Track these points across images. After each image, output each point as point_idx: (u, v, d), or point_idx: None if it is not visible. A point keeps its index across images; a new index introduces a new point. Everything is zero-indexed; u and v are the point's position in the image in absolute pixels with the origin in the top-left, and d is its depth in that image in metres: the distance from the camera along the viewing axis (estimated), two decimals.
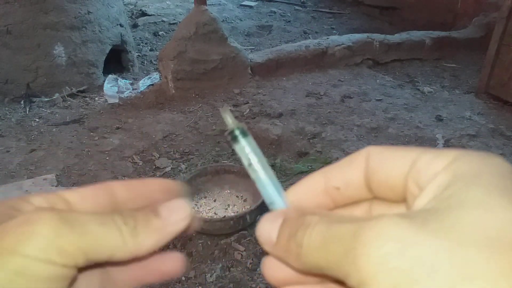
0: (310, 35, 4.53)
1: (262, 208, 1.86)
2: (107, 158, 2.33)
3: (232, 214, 1.83)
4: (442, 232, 0.17)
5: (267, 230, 0.24)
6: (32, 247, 0.20)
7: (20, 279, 0.20)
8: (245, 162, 0.26)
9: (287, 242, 0.22)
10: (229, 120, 0.26)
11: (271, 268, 0.24)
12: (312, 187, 0.25)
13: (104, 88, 3.12)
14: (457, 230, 0.17)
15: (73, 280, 0.22)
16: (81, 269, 0.22)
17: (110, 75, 3.30)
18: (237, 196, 1.96)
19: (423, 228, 0.18)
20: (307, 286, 0.24)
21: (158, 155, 2.34)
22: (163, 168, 2.23)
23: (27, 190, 1.98)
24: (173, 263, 0.27)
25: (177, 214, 0.25)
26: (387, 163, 0.22)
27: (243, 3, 5.62)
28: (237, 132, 0.26)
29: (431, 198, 0.19)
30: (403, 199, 0.22)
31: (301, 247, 0.21)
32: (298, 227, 0.22)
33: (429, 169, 0.20)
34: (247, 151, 0.26)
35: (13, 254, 0.20)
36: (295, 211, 0.24)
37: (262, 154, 0.27)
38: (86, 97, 3.13)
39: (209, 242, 1.73)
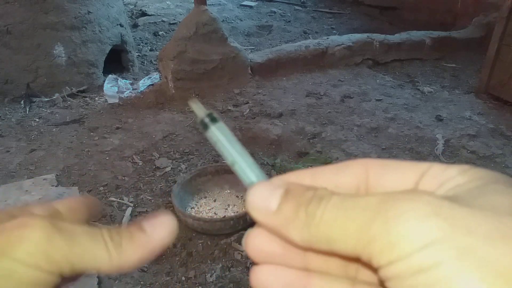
0: (310, 35, 4.53)
1: None
2: (107, 158, 2.33)
3: (232, 214, 1.83)
4: (472, 204, 0.18)
5: (264, 197, 0.22)
6: (21, 251, 0.21)
7: (5, 282, 0.20)
8: (219, 148, 0.26)
9: (294, 212, 0.21)
10: (198, 110, 0.26)
11: (257, 241, 0.24)
12: (298, 181, 0.24)
13: (104, 88, 3.12)
14: (485, 203, 0.18)
15: None
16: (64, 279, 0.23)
17: (110, 75, 3.30)
18: (237, 196, 1.96)
19: (453, 200, 0.18)
20: (288, 262, 0.24)
21: (158, 155, 2.34)
22: (163, 168, 2.23)
23: (27, 190, 1.98)
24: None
25: (161, 230, 0.25)
26: (393, 173, 0.23)
27: (243, 3, 5.62)
28: (206, 120, 0.26)
29: (450, 189, 0.20)
30: None
31: (313, 218, 0.20)
32: (309, 198, 0.21)
33: (443, 175, 0.21)
34: (218, 135, 0.26)
35: (2, 256, 0.21)
36: (298, 184, 0.23)
37: (235, 138, 0.26)
38: (86, 97, 3.13)
39: (209, 242, 1.73)
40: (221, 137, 0.25)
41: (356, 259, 0.20)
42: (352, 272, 0.24)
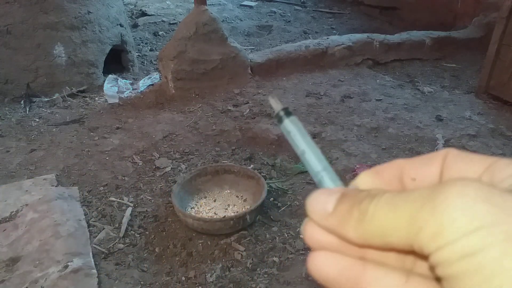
0: (310, 35, 4.53)
1: (262, 208, 1.86)
2: (107, 158, 2.33)
3: (232, 214, 1.83)
4: None
5: (321, 200, 0.24)
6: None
7: None
8: (290, 139, 0.28)
9: (348, 211, 0.22)
10: (275, 104, 0.29)
11: (315, 231, 0.25)
12: (391, 171, 0.26)
13: (104, 88, 3.12)
14: None
15: None
16: None
17: (110, 75, 3.30)
18: (237, 196, 1.96)
19: (508, 191, 0.19)
20: (344, 252, 0.25)
21: (158, 155, 2.34)
22: (163, 168, 2.23)
23: (27, 190, 1.97)
24: None
25: None
26: (463, 163, 0.23)
27: (243, 3, 5.62)
28: (281, 113, 0.28)
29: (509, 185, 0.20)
30: None
31: (365, 214, 0.21)
32: (362, 198, 0.22)
33: (507, 170, 0.21)
34: (291, 128, 0.28)
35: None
36: (354, 189, 0.24)
37: (306, 132, 0.28)
38: (86, 97, 3.12)
39: (209, 242, 1.73)
40: (293, 129, 0.28)
41: (410, 252, 0.21)
42: (409, 265, 0.24)
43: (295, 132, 0.28)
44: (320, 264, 0.24)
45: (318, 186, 0.27)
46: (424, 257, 0.20)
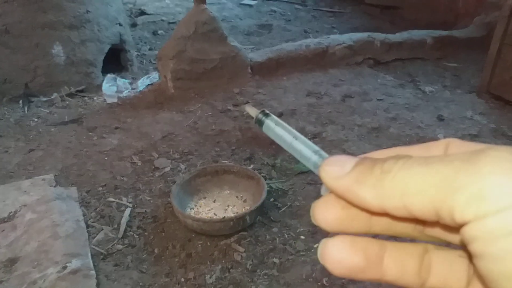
0: (310, 34, 4.51)
1: (262, 209, 1.84)
2: (106, 158, 2.31)
3: (232, 214, 1.81)
4: None
5: (340, 160, 0.23)
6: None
7: None
8: (277, 139, 0.28)
9: (369, 168, 0.21)
10: (251, 111, 0.30)
11: (323, 209, 0.23)
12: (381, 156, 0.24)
13: (103, 88, 3.11)
14: None
15: None
16: None
17: (109, 75, 3.29)
18: (236, 197, 1.95)
19: None
20: (352, 227, 0.23)
21: (157, 155, 2.32)
22: (162, 168, 2.21)
23: (25, 191, 1.96)
24: None
25: None
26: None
27: (243, 2, 5.60)
28: (260, 116, 0.29)
29: None
30: None
31: (388, 172, 0.20)
32: (387, 158, 0.20)
33: None
34: (271, 126, 0.28)
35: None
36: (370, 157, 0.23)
37: (288, 126, 0.28)
38: (85, 96, 3.11)
39: (208, 243, 1.71)
40: (275, 125, 0.28)
41: (423, 222, 0.19)
42: (416, 235, 0.23)
43: (279, 128, 0.28)
44: (339, 252, 0.22)
45: (315, 170, 0.25)
46: (450, 228, 0.17)
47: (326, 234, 0.24)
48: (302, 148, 0.26)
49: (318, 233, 1.76)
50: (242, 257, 1.64)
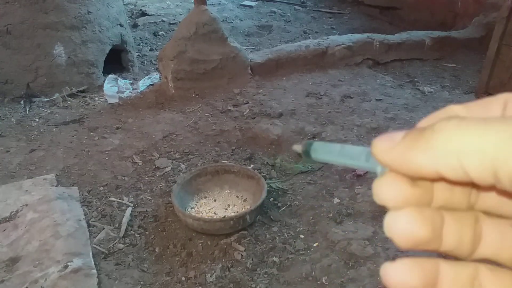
0: (310, 35, 4.53)
1: (262, 208, 1.86)
2: (107, 158, 2.32)
3: (232, 214, 1.83)
4: None
5: (390, 136, 0.22)
6: None
7: None
8: (327, 159, 0.28)
9: (420, 132, 0.20)
10: (298, 149, 0.30)
11: (387, 187, 0.22)
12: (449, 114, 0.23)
13: (104, 88, 3.12)
14: None
15: None
16: None
17: (110, 75, 3.30)
18: (237, 196, 1.96)
19: None
20: (416, 200, 0.22)
21: (158, 155, 2.34)
22: (163, 168, 2.23)
23: (27, 190, 1.97)
24: None
25: None
26: None
27: (243, 3, 5.61)
28: (305, 148, 0.29)
29: None
30: None
31: (441, 131, 0.19)
32: (439, 119, 0.20)
33: None
34: (321, 158, 0.28)
35: None
36: None
37: (333, 146, 0.28)
38: (86, 97, 3.12)
39: (209, 242, 1.73)
40: (320, 147, 0.28)
41: (479, 187, 0.18)
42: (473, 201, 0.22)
43: (323, 148, 0.28)
44: (409, 224, 0.21)
45: (373, 170, 0.25)
46: (506, 194, 0.17)
47: (325, 233, 0.24)
48: (353, 147, 0.26)
49: (317, 232, 1.78)
50: (242, 256, 1.66)
